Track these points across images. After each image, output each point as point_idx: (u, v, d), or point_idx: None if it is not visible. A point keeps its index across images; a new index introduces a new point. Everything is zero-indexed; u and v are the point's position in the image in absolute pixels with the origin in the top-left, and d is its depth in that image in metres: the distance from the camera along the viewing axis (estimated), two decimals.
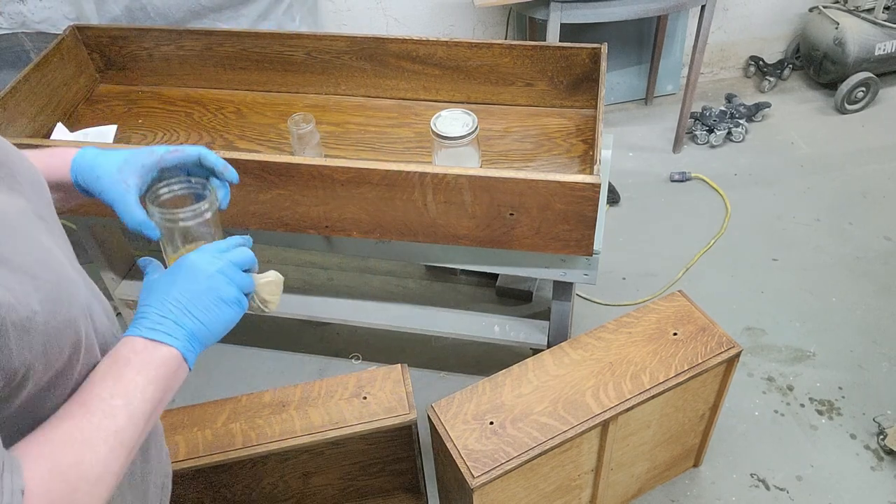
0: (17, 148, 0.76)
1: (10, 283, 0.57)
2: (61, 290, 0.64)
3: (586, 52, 1.65)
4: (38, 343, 0.59)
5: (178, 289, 0.75)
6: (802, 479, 1.87)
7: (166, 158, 0.86)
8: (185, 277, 0.77)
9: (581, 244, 1.44)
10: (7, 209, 0.64)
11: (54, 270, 0.64)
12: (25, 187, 0.71)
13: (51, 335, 0.60)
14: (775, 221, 2.61)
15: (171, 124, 1.80)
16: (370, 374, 1.57)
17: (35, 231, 0.67)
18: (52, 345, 0.61)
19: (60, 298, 0.63)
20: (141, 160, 0.84)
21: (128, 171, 0.83)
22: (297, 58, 1.79)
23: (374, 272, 2.13)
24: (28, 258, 0.61)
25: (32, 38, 2.08)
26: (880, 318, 2.25)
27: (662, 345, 1.56)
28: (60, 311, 0.62)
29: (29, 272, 0.60)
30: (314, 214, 1.50)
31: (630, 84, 3.19)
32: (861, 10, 3.01)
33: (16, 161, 0.72)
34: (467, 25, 2.92)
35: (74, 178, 0.85)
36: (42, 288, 0.60)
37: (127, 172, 0.83)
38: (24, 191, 0.70)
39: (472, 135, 1.47)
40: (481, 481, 1.33)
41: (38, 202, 0.73)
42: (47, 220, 0.72)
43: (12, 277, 0.58)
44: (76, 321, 0.65)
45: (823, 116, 3.10)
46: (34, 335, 0.58)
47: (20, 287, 0.58)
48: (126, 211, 0.82)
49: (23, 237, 0.64)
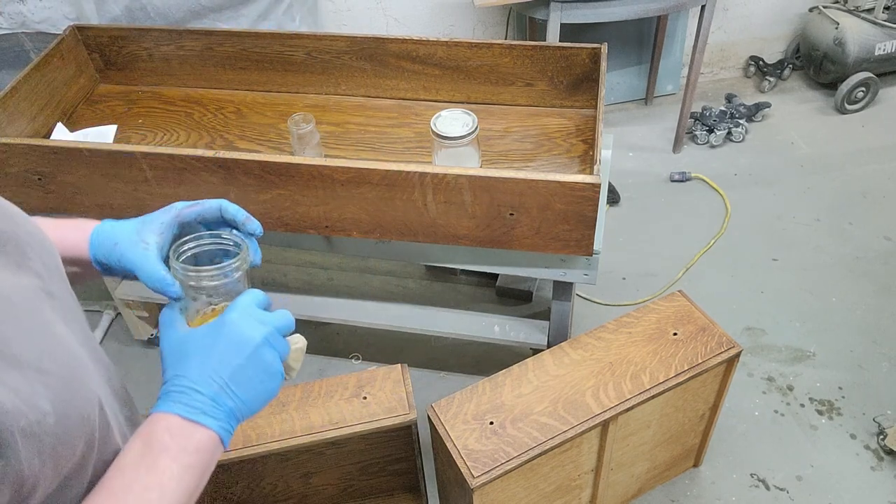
0: (29, 216, 0.70)
1: (16, 383, 0.52)
2: (73, 384, 0.59)
3: (586, 52, 1.65)
4: (48, 447, 0.53)
5: (218, 358, 0.68)
6: (802, 479, 1.87)
7: (184, 213, 0.80)
8: (227, 344, 0.68)
9: (581, 244, 1.44)
10: (11, 293, 0.59)
11: (65, 362, 0.59)
12: (35, 262, 0.65)
13: (62, 436, 0.55)
14: (775, 221, 2.61)
15: (171, 124, 1.80)
16: (370, 374, 1.57)
17: (43, 314, 0.62)
18: (65, 447, 0.56)
19: (72, 394, 0.58)
20: (159, 218, 0.79)
21: (146, 231, 0.78)
22: (297, 58, 1.79)
23: (374, 272, 2.13)
24: (35, 350, 0.56)
25: (32, 38, 2.08)
26: (880, 318, 2.25)
27: (662, 345, 1.56)
28: (73, 409, 0.57)
29: (37, 367, 0.55)
30: (314, 214, 1.50)
31: (630, 84, 3.19)
32: (861, 10, 3.01)
33: (25, 233, 0.66)
34: (467, 25, 2.92)
35: (93, 255, 0.79)
36: (52, 385, 0.55)
37: (145, 233, 0.77)
38: (34, 265, 0.65)
39: (472, 135, 1.47)
40: (481, 481, 1.34)
41: (49, 277, 0.67)
42: (57, 297, 0.66)
43: (18, 376, 0.53)
44: (90, 417, 0.60)
45: (823, 116, 3.10)
46: (44, 439, 0.53)
47: (28, 387, 0.53)
48: (145, 268, 0.75)
49: (29, 325, 0.58)
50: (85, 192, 1.57)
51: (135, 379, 2.18)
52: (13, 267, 0.62)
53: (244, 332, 0.69)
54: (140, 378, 2.18)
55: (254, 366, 0.69)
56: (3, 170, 1.55)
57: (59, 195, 1.59)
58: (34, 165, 1.53)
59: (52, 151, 1.50)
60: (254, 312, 0.71)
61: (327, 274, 2.11)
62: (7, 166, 1.54)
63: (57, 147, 1.49)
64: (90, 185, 1.55)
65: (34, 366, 0.55)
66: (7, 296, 0.58)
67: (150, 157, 1.46)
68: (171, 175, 1.49)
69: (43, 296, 0.64)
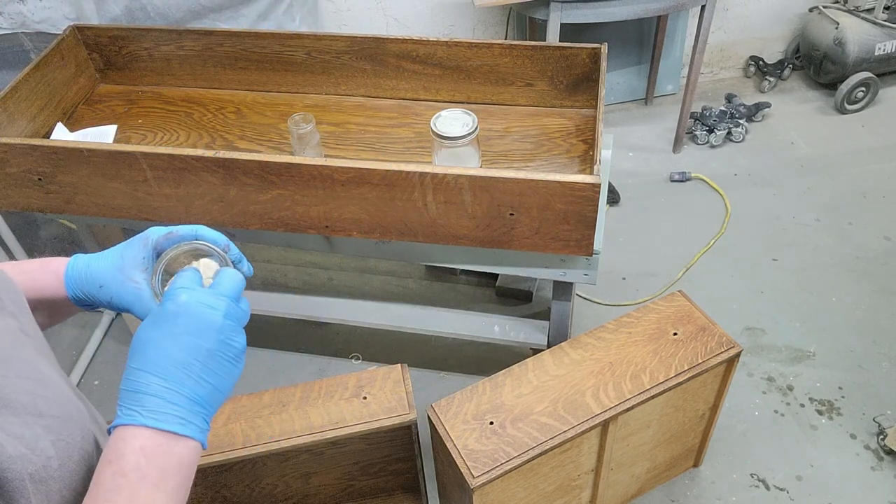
0: None
1: (17, 429, 0.50)
2: (69, 423, 0.56)
3: (586, 52, 1.65)
4: (55, 491, 0.51)
5: (180, 350, 0.59)
6: (802, 479, 1.87)
7: (161, 243, 0.75)
8: (187, 333, 0.60)
9: (581, 244, 1.44)
10: None
11: (58, 402, 0.56)
12: (6, 302, 0.62)
13: (66, 479, 0.53)
14: (775, 221, 2.61)
15: (171, 124, 1.80)
16: (370, 374, 1.57)
17: (27, 354, 0.59)
18: (69, 490, 0.53)
19: (71, 434, 0.55)
20: (139, 254, 0.74)
21: (129, 268, 0.73)
22: (297, 58, 1.79)
23: (374, 272, 2.13)
24: (29, 393, 0.54)
25: (32, 38, 2.08)
26: (880, 318, 2.25)
27: (662, 345, 1.56)
28: (73, 450, 0.55)
29: (33, 411, 0.53)
30: (314, 214, 1.50)
31: (630, 84, 3.19)
32: (861, 10, 3.01)
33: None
34: (467, 25, 2.92)
35: (72, 295, 0.74)
36: (51, 427, 0.53)
37: (129, 270, 0.73)
38: (6, 306, 0.61)
39: (472, 135, 1.47)
40: (481, 481, 1.33)
41: (22, 315, 0.64)
42: (32, 335, 0.63)
43: (18, 422, 0.51)
44: (90, 455, 0.57)
45: (823, 116, 3.10)
46: (50, 484, 0.51)
47: (29, 431, 0.51)
48: (142, 309, 0.71)
49: (18, 367, 0.55)
50: (85, 192, 1.57)
51: None
52: None
53: (203, 315, 0.61)
54: None
55: (221, 349, 0.61)
56: (3, 170, 1.55)
57: (59, 195, 1.59)
58: (34, 165, 1.53)
59: (52, 151, 1.50)
60: (199, 287, 0.65)
61: (327, 274, 2.11)
62: (7, 166, 1.54)
63: (57, 147, 1.49)
64: (90, 185, 1.55)
65: (31, 409, 0.52)
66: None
67: (150, 157, 1.46)
68: (171, 175, 1.49)
69: (23, 336, 0.60)
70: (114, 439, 0.56)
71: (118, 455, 0.55)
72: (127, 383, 0.58)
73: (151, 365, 0.58)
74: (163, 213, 1.58)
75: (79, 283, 0.73)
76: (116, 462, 0.54)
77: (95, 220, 1.82)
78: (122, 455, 0.54)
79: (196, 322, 0.60)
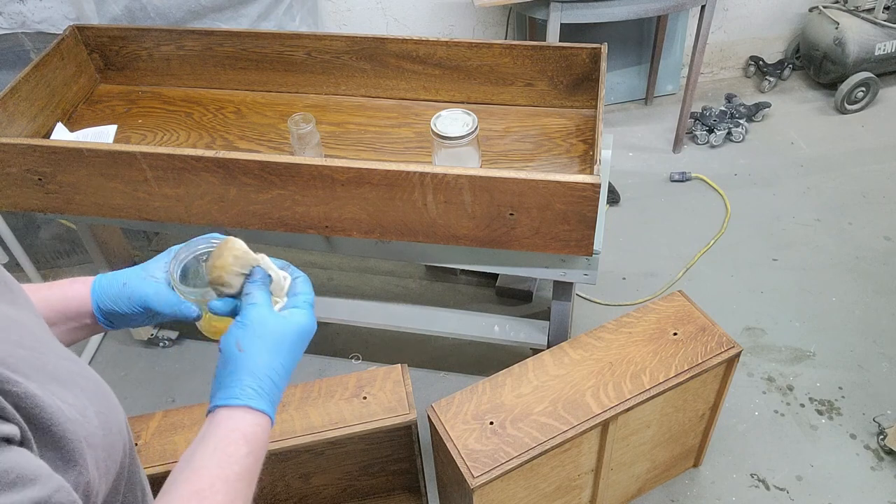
0: None
1: (68, 398, 0.54)
2: (106, 397, 0.60)
3: (586, 52, 1.65)
4: (101, 459, 0.55)
5: (286, 356, 0.73)
6: (802, 479, 1.87)
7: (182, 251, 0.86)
8: (294, 343, 0.74)
9: (581, 244, 1.44)
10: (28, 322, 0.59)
11: (91, 379, 0.60)
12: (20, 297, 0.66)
13: (108, 449, 0.57)
14: (775, 221, 2.61)
15: (171, 124, 1.80)
16: (370, 374, 1.57)
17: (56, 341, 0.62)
18: (111, 460, 0.57)
19: (109, 408, 0.59)
20: (161, 259, 0.83)
21: (151, 268, 0.82)
22: (297, 58, 1.79)
23: (374, 272, 2.13)
24: (69, 371, 0.57)
25: (32, 38, 2.08)
26: (880, 318, 2.25)
27: (662, 345, 1.56)
28: (112, 422, 0.59)
29: (76, 384, 0.56)
30: (314, 214, 1.50)
31: (630, 84, 3.19)
32: (861, 10, 3.01)
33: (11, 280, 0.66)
34: (467, 25, 2.92)
35: (96, 303, 0.81)
36: (92, 398, 0.57)
37: (151, 269, 0.82)
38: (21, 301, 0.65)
39: (472, 135, 1.47)
40: (481, 481, 1.33)
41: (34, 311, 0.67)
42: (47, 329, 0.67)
43: (68, 393, 0.54)
44: (123, 430, 0.61)
45: (823, 116, 3.10)
46: (98, 451, 0.55)
47: (77, 401, 0.54)
48: (159, 298, 0.80)
49: (55, 348, 0.59)
50: (85, 192, 1.57)
51: (135, 379, 2.18)
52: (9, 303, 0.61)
53: (308, 328, 0.76)
54: (140, 378, 2.18)
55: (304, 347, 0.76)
56: (3, 170, 1.55)
57: (59, 195, 1.59)
58: (34, 165, 1.53)
59: (52, 151, 1.50)
60: (305, 303, 0.77)
61: (327, 274, 2.11)
62: (7, 166, 1.54)
63: (57, 147, 1.49)
64: (90, 185, 1.55)
65: (74, 385, 0.56)
66: (25, 324, 0.58)
67: (150, 157, 1.46)
68: (171, 175, 1.49)
69: (45, 326, 0.64)
70: (251, 421, 0.69)
71: (251, 433, 0.69)
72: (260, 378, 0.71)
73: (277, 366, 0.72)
74: (163, 213, 1.58)
75: (104, 289, 0.80)
76: (251, 438, 0.69)
77: (95, 220, 1.82)
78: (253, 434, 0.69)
79: (302, 334, 0.75)
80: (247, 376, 0.71)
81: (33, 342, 0.56)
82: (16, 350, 0.53)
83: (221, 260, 0.76)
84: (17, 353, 0.52)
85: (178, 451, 1.45)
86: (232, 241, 0.78)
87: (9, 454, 0.46)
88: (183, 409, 1.54)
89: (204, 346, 2.27)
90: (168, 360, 2.25)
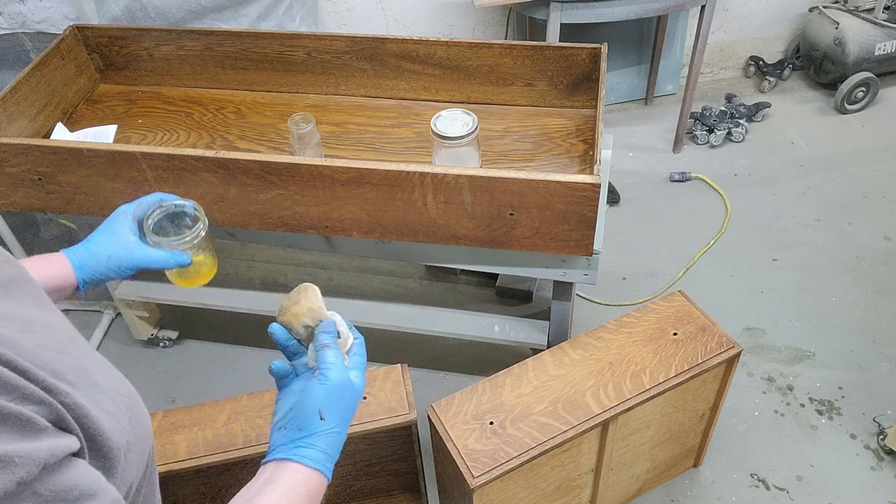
0: None
1: (108, 406, 0.54)
2: (137, 403, 0.61)
3: (586, 52, 1.65)
4: (133, 464, 0.56)
5: (348, 415, 0.79)
6: (802, 479, 1.87)
7: (138, 212, 0.99)
8: (352, 401, 0.80)
9: (581, 244, 1.44)
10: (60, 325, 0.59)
11: (123, 383, 0.61)
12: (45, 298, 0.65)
13: (137, 454, 0.57)
14: (775, 221, 2.61)
15: (171, 124, 1.80)
16: (370, 374, 1.57)
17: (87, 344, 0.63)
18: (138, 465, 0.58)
19: (139, 414, 0.60)
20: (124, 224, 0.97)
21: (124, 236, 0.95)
22: (297, 58, 1.79)
23: (374, 272, 2.13)
24: (105, 377, 0.58)
25: (32, 38, 2.08)
26: (880, 318, 2.25)
27: (662, 345, 1.56)
28: (142, 427, 0.59)
29: (113, 390, 0.57)
30: (314, 214, 1.50)
31: (630, 84, 3.19)
32: (861, 10, 3.01)
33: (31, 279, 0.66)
34: (467, 25, 2.92)
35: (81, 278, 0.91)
36: (127, 406, 0.58)
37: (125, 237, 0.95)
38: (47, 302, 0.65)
39: (472, 135, 1.47)
40: (481, 481, 1.33)
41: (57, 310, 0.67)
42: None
43: (108, 400, 0.55)
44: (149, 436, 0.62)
45: (823, 116, 3.10)
46: (130, 457, 0.55)
47: (116, 409, 0.55)
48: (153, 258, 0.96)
49: (87, 351, 0.59)
50: (85, 192, 1.57)
51: (135, 379, 2.16)
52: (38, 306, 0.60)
53: (362, 389, 0.82)
54: (140, 378, 2.18)
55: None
56: (3, 170, 1.55)
57: (59, 195, 1.59)
58: (34, 165, 1.53)
59: (52, 151, 1.50)
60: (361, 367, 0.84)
61: (327, 274, 2.11)
62: (7, 166, 1.54)
63: (57, 147, 1.49)
64: (90, 185, 1.55)
65: (111, 390, 0.57)
66: (59, 329, 0.58)
67: (150, 157, 1.46)
68: (171, 175, 1.49)
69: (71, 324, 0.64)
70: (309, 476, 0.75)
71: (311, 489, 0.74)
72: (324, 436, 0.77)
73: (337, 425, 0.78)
74: None
75: (88, 263, 0.90)
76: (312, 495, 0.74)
77: (95, 220, 1.81)
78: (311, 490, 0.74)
79: (357, 393, 0.81)
80: (326, 444, 0.77)
81: (72, 347, 0.56)
82: (60, 357, 0.52)
83: (297, 307, 0.82)
84: (62, 362, 0.52)
85: (178, 451, 1.45)
86: (310, 290, 0.84)
87: (74, 470, 0.47)
88: (183, 409, 1.54)
89: (204, 347, 2.27)
90: (168, 360, 2.25)
